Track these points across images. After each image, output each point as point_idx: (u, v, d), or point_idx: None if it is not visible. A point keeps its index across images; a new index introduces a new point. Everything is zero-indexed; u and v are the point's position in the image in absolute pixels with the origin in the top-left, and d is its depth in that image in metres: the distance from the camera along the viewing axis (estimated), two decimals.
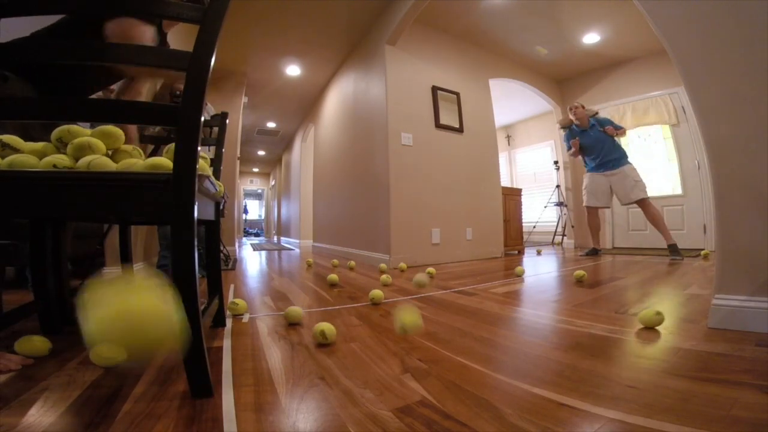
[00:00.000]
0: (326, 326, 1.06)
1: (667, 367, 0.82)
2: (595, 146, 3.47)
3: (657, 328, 1.12)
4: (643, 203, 3.24)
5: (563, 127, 3.78)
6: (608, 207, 3.62)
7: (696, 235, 3.84)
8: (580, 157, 3.66)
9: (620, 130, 3.44)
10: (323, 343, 1.05)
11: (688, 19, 1.15)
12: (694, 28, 1.14)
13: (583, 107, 3.58)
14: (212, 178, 0.97)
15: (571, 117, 3.60)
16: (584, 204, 3.63)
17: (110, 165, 0.74)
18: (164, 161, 0.77)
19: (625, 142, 3.94)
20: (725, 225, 1.09)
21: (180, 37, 2.19)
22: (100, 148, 0.78)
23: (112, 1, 0.81)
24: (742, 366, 0.80)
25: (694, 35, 1.14)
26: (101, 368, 0.85)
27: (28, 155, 0.73)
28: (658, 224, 3.19)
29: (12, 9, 0.73)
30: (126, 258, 1.71)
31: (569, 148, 3.67)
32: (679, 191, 4.01)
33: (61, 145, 0.78)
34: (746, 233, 1.04)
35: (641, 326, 1.14)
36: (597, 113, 3.65)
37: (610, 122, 3.49)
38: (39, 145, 0.78)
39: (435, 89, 3.54)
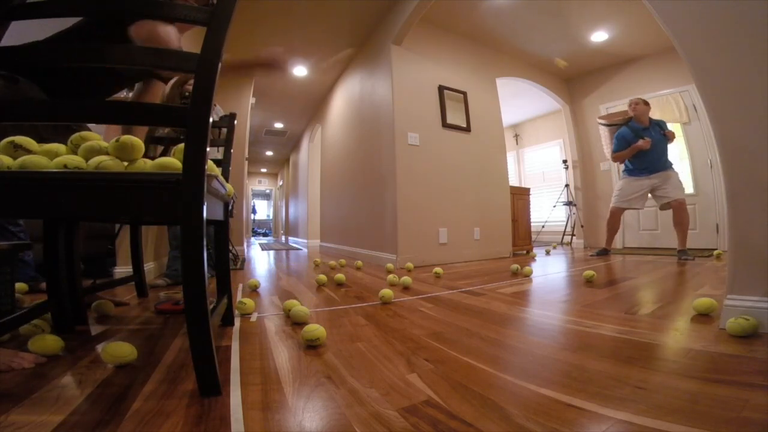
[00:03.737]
0: (313, 327, 1.06)
1: (677, 368, 0.81)
2: (653, 149, 3.15)
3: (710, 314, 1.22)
4: (683, 204, 3.09)
5: (612, 124, 3.48)
6: (641, 209, 3.41)
7: (708, 235, 3.78)
8: (629, 161, 3.31)
9: (673, 135, 3.23)
10: (312, 345, 1.04)
11: (698, 16, 1.13)
12: (705, 25, 1.12)
13: (646, 103, 3.24)
14: (221, 179, 0.98)
15: (631, 113, 3.26)
16: (612, 204, 3.42)
17: (119, 165, 0.75)
18: (173, 161, 0.78)
19: None
20: (738, 225, 1.08)
21: (188, 39, 2.22)
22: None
23: (121, 5, 0.82)
24: (755, 367, 0.78)
25: (705, 33, 1.12)
26: (112, 367, 0.87)
27: (40, 156, 0.74)
28: (684, 228, 3.08)
29: (22, 12, 0.75)
30: (137, 258, 1.74)
31: (620, 148, 3.28)
32: (691, 190, 3.95)
33: (75, 149, 0.79)
34: (759, 233, 1.02)
35: (695, 313, 1.25)
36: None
37: (665, 124, 3.26)
38: (50, 146, 0.79)
39: (441, 89, 3.53)
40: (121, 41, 1.07)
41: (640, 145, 3.15)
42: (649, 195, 3.28)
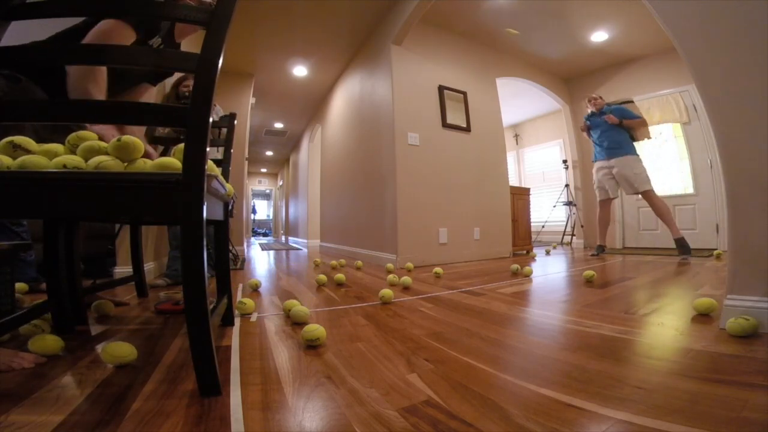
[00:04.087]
0: (313, 327, 1.06)
1: (677, 368, 0.81)
2: (598, 127, 3.48)
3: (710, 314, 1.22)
4: (647, 195, 3.21)
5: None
6: (616, 197, 3.56)
7: (708, 235, 3.78)
8: (593, 147, 3.64)
9: (633, 120, 3.34)
10: (312, 345, 1.04)
11: (698, 16, 1.13)
12: (705, 25, 1.12)
13: (601, 98, 3.58)
14: (220, 178, 0.98)
15: (589, 109, 3.59)
16: (598, 198, 3.58)
17: (119, 165, 0.75)
18: (173, 161, 0.78)
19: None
20: (738, 225, 1.08)
21: (188, 39, 2.22)
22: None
23: (121, 5, 0.82)
24: (754, 367, 0.78)
25: (705, 33, 1.12)
26: (112, 367, 0.87)
27: (39, 156, 0.74)
28: (664, 216, 3.16)
29: (22, 12, 0.75)
30: (137, 258, 1.74)
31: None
32: (690, 190, 3.95)
33: (73, 148, 0.79)
34: (759, 233, 1.02)
35: (695, 313, 1.26)
36: (630, 101, 3.56)
37: (623, 111, 3.39)
38: (50, 146, 0.79)
39: (441, 88, 3.53)
40: None
41: (580, 128, 3.72)
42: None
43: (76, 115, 0.74)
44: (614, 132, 3.38)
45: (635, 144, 3.40)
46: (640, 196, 3.32)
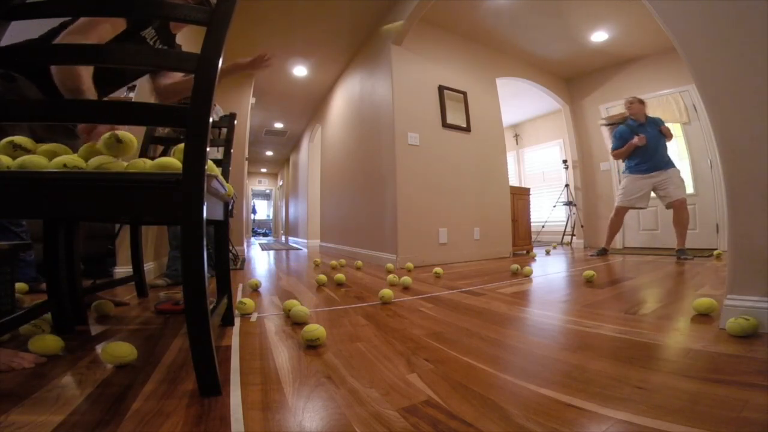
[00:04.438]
0: (313, 327, 1.06)
1: (677, 368, 0.81)
2: (649, 146, 3.17)
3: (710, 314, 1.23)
4: (683, 203, 3.10)
5: (611, 123, 3.51)
6: (645, 208, 3.40)
7: (708, 235, 3.78)
8: (629, 159, 3.33)
9: (669, 132, 3.23)
10: (312, 345, 1.04)
11: (699, 16, 1.13)
12: (705, 25, 1.12)
13: (641, 101, 3.29)
14: (220, 178, 0.98)
15: (627, 112, 3.31)
16: (617, 203, 3.42)
17: (120, 165, 0.75)
18: (173, 161, 0.78)
19: None
20: (738, 224, 1.08)
21: (188, 39, 2.22)
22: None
23: (121, 5, 0.82)
24: (754, 367, 0.78)
25: (705, 33, 1.12)
26: (112, 367, 0.87)
27: (39, 156, 0.74)
28: (683, 229, 3.10)
29: (22, 12, 0.75)
30: (137, 258, 1.74)
31: (618, 146, 3.32)
32: (691, 190, 3.94)
33: (108, 150, 0.79)
34: (759, 233, 1.02)
35: (695, 313, 1.25)
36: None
37: (662, 122, 3.27)
38: (49, 146, 0.79)
39: (441, 89, 3.53)
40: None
41: (635, 143, 3.18)
42: (653, 194, 3.28)
43: (74, 115, 0.74)
44: (661, 145, 3.21)
45: None
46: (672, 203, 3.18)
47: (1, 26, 0.77)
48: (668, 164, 3.22)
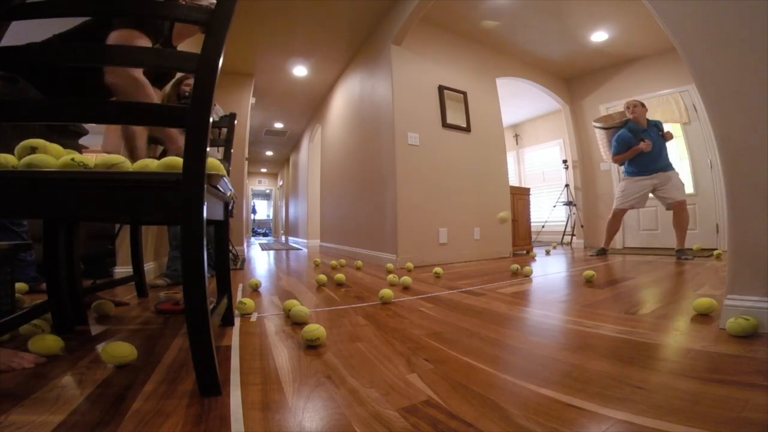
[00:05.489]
0: (313, 327, 1.06)
1: (677, 368, 0.81)
2: (653, 150, 3.16)
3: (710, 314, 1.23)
4: (683, 205, 3.12)
5: (608, 127, 3.49)
6: (641, 207, 3.44)
7: (708, 235, 3.78)
8: (630, 162, 3.31)
9: (670, 135, 3.25)
10: (312, 345, 1.04)
11: (699, 17, 1.13)
12: (705, 26, 1.12)
13: (643, 105, 3.27)
14: (227, 180, 0.98)
15: (629, 116, 3.29)
16: (616, 206, 3.42)
17: (126, 165, 0.75)
18: (179, 161, 0.78)
19: None
20: (738, 225, 1.08)
21: (189, 40, 2.22)
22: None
23: (121, 5, 0.82)
24: (755, 367, 0.78)
25: (705, 33, 1.12)
26: (112, 367, 0.87)
27: (46, 155, 0.74)
28: (683, 230, 3.12)
29: (22, 12, 0.75)
30: (137, 257, 1.74)
31: (620, 150, 3.29)
32: (691, 190, 3.95)
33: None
34: (759, 233, 1.02)
35: (695, 313, 1.25)
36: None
37: (661, 124, 3.28)
38: (58, 147, 0.79)
39: (441, 89, 3.53)
40: (94, 88, 1.07)
41: (641, 148, 3.15)
42: (651, 195, 3.29)
43: (76, 115, 0.74)
44: (663, 148, 3.23)
45: None
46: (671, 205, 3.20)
47: (1, 26, 0.77)
48: (668, 166, 3.23)
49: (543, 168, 6.30)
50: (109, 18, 1.06)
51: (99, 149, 2.14)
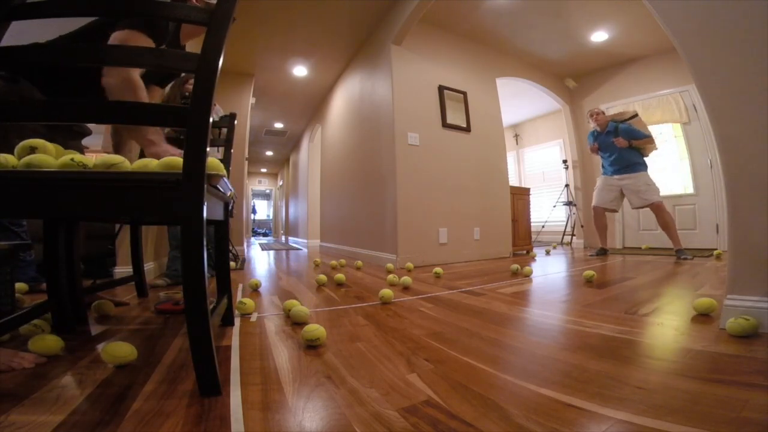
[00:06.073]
0: (314, 327, 1.06)
1: (677, 368, 0.81)
2: (608, 148, 3.47)
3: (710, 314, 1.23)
4: (657, 207, 3.20)
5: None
6: (616, 211, 3.60)
7: (708, 235, 3.78)
8: (602, 161, 3.64)
9: (641, 140, 3.31)
10: (312, 345, 1.04)
11: (698, 16, 1.13)
12: (705, 26, 1.12)
13: (603, 113, 3.60)
14: (227, 180, 0.98)
15: (592, 125, 3.62)
16: (593, 204, 3.61)
17: (126, 165, 0.75)
18: (179, 161, 0.78)
19: None
20: (738, 224, 1.07)
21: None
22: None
23: (122, 5, 0.82)
24: (755, 367, 0.78)
25: (705, 33, 1.12)
26: (112, 367, 0.87)
27: (46, 155, 0.74)
28: (669, 230, 3.17)
29: (22, 12, 0.75)
30: (137, 257, 1.74)
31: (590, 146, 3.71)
32: (690, 190, 3.95)
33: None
34: (759, 233, 1.02)
35: (695, 313, 1.26)
36: (635, 115, 3.48)
37: (632, 132, 3.33)
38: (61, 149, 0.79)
39: (441, 89, 3.53)
40: (95, 89, 1.06)
41: (589, 149, 3.69)
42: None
43: (77, 115, 0.74)
44: (625, 152, 3.37)
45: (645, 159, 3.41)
46: (643, 208, 3.33)
47: (1, 26, 0.77)
48: (635, 168, 3.34)
49: (543, 168, 6.30)
50: (113, 19, 1.06)
51: (99, 149, 2.15)
